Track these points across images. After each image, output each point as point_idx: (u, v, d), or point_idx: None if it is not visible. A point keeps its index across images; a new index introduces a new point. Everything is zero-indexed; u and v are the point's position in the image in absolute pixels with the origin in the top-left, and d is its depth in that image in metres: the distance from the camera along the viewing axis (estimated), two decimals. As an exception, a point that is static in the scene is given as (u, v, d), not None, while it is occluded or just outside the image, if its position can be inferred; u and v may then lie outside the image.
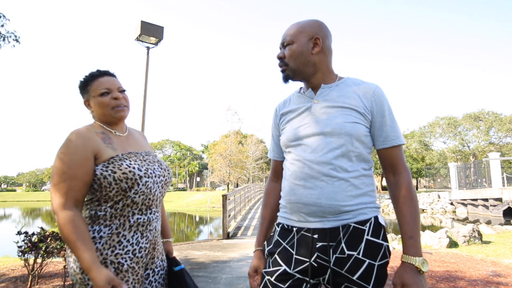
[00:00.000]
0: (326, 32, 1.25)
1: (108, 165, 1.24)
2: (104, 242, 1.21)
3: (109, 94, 1.33)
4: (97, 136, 1.28)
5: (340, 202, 1.11)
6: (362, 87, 1.21)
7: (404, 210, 1.11)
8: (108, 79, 1.36)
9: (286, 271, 1.15)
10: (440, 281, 4.06)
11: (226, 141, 37.38)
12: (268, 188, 1.43)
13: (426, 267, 1.04)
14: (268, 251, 1.25)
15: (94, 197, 1.26)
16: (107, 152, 1.26)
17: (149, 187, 1.30)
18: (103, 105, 1.33)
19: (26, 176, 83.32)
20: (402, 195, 1.13)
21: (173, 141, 67.11)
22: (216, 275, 4.52)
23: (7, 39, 6.16)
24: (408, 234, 1.08)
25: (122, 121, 1.41)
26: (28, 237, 3.63)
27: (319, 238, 1.12)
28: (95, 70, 1.39)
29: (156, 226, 1.37)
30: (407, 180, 1.15)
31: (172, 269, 1.46)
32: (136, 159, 1.31)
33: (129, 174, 1.24)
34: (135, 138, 1.45)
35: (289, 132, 1.25)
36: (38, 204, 44.42)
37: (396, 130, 1.19)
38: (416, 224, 1.09)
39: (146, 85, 7.66)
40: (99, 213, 1.24)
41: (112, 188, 1.22)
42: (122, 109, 1.35)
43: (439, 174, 29.35)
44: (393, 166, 1.18)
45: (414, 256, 1.05)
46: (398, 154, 1.18)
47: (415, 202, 1.12)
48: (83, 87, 1.38)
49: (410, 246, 1.07)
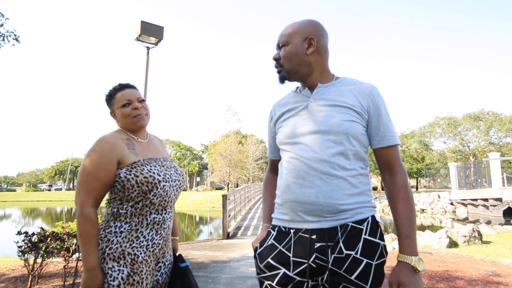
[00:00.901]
0: (321, 32, 1.25)
1: (132, 169, 1.38)
2: (124, 237, 1.36)
3: (129, 105, 1.48)
4: (122, 142, 1.43)
5: (338, 200, 1.11)
6: (358, 86, 1.21)
7: (400, 210, 1.12)
8: (129, 91, 1.51)
9: (286, 274, 1.13)
10: (440, 281, 4.06)
11: (226, 141, 37.35)
12: (267, 177, 1.48)
13: (422, 266, 1.05)
14: (259, 254, 1.22)
15: (117, 196, 1.39)
16: (131, 157, 1.40)
17: (166, 190, 1.43)
18: (125, 115, 1.48)
19: (26, 176, 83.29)
20: (398, 195, 1.14)
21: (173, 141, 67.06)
22: (216, 275, 4.52)
23: (6, 38, 6.16)
24: (405, 233, 1.09)
25: (144, 128, 1.55)
26: (28, 237, 3.63)
27: (318, 239, 1.12)
28: (117, 84, 1.54)
29: (169, 224, 1.51)
30: (403, 180, 1.15)
31: (178, 265, 1.55)
32: (155, 164, 1.45)
33: (149, 179, 1.38)
34: (155, 144, 1.60)
35: (285, 130, 1.25)
36: (38, 204, 44.43)
37: (392, 130, 1.19)
38: (412, 224, 1.10)
39: (146, 85, 7.66)
40: (121, 211, 1.38)
41: (134, 190, 1.36)
42: (142, 117, 1.50)
43: (439, 174, 29.38)
44: (389, 165, 1.18)
45: (410, 256, 1.06)
46: (394, 153, 1.18)
47: (411, 202, 1.13)
48: (108, 100, 1.54)
49: (407, 245, 1.08)
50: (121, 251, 1.33)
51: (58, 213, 31.64)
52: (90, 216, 1.31)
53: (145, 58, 7.72)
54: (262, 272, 1.20)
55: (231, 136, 38.49)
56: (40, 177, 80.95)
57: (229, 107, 39.45)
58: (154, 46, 7.68)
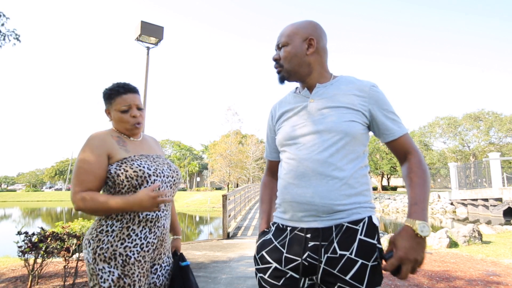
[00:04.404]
0: (320, 33, 1.26)
1: (121, 164, 1.38)
2: (115, 235, 1.34)
3: (128, 112, 1.48)
4: (112, 139, 1.44)
5: (334, 201, 1.11)
6: (357, 85, 1.21)
7: (414, 181, 1.11)
8: (131, 96, 1.49)
9: (277, 268, 1.16)
10: (440, 281, 4.06)
11: (226, 141, 37.31)
12: (264, 181, 1.47)
13: (426, 232, 1.00)
14: (257, 245, 1.26)
15: (109, 193, 1.40)
16: (121, 153, 1.41)
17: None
18: (123, 121, 1.48)
19: (26, 176, 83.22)
20: (414, 170, 1.14)
21: (173, 141, 66.99)
22: (216, 275, 4.52)
23: (7, 38, 6.16)
24: (413, 200, 1.07)
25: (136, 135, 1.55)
26: (28, 237, 3.63)
27: (312, 238, 1.12)
28: (123, 85, 1.51)
29: (165, 223, 1.47)
30: (418, 158, 1.16)
31: (179, 263, 1.55)
32: (146, 160, 1.45)
33: (139, 173, 1.37)
34: (149, 143, 1.59)
35: (285, 131, 1.26)
36: (38, 204, 44.40)
37: (398, 121, 1.20)
38: (423, 193, 1.08)
39: (146, 85, 7.66)
40: None
41: (124, 185, 1.36)
42: (138, 127, 1.50)
43: (439, 174, 29.33)
44: (404, 152, 1.19)
45: (414, 220, 1.03)
46: (406, 141, 1.19)
47: (425, 175, 1.12)
48: (107, 97, 1.51)
49: (413, 211, 1.05)
50: (112, 251, 1.32)
51: (58, 213, 31.63)
52: (83, 196, 1.30)
53: (145, 58, 7.73)
54: (256, 264, 1.24)
55: (231, 136, 38.44)
56: (40, 177, 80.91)
57: (229, 107, 39.40)
58: (154, 46, 7.69)
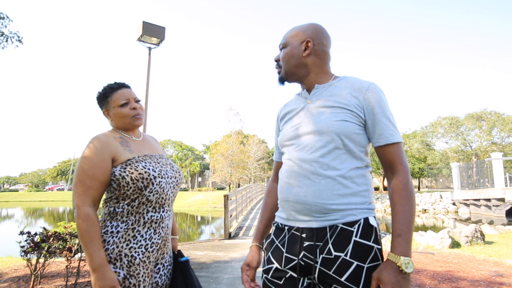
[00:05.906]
0: (320, 35, 1.27)
1: (126, 166, 1.37)
2: (121, 236, 1.34)
3: (127, 105, 1.48)
4: (116, 141, 1.42)
5: (326, 200, 1.11)
6: (356, 85, 1.20)
7: (397, 208, 1.07)
8: (126, 90, 1.51)
9: (278, 268, 1.18)
10: (442, 282, 4.05)
11: (228, 141, 37.30)
12: (268, 188, 1.47)
13: (410, 269, 0.98)
14: (265, 248, 1.29)
15: (113, 195, 1.38)
16: (125, 155, 1.40)
17: (162, 186, 1.42)
18: (124, 115, 1.47)
19: (29, 176, 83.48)
20: (397, 193, 1.09)
21: (175, 141, 67.08)
22: (218, 275, 4.52)
23: (10, 40, 6.20)
24: (397, 232, 1.04)
25: (138, 127, 1.55)
26: (30, 237, 3.64)
27: (307, 237, 1.13)
28: (113, 83, 1.52)
29: (168, 224, 1.49)
30: (403, 178, 1.10)
31: (178, 259, 1.56)
32: (151, 161, 1.44)
33: (144, 175, 1.37)
34: (149, 142, 1.59)
35: (284, 132, 1.29)
36: (41, 204, 44.54)
37: (391, 128, 1.15)
38: (407, 223, 1.04)
39: (148, 85, 7.67)
40: (117, 210, 1.37)
41: (130, 187, 1.35)
42: (139, 117, 1.51)
43: (441, 174, 29.28)
44: (390, 164, 1.14)
45: (399, 255, 1.00)
46: (394, 152, 1.13)
47: (410, 201, 1.07)
48: (102, 99, 1.51)
49: (397, 244, 1.02)
50: (117, 252, 1.31)
51: (60, 213, 31.72)
52: (88, 215, 1.27)
53: (147, 58, 7.74)
54: (262, 265, 1.26)
55: (232, 136, 38.43)
56: (42, 177, 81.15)
57: (231, 107, 39.33)
58: (156, 46, 7.70)
